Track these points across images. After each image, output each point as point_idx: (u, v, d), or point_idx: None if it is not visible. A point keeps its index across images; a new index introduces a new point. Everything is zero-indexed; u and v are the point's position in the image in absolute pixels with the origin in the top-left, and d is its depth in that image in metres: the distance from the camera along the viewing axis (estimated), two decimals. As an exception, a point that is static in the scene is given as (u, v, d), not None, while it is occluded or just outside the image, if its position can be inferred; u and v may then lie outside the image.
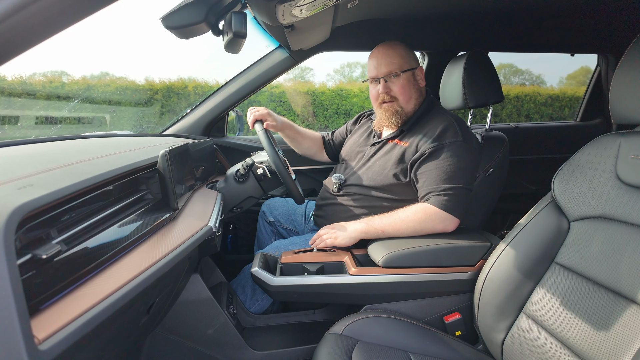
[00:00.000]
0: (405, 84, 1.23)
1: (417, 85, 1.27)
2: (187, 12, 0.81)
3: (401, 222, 1.10)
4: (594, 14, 1.46)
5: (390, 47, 1.25)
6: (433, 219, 1.09)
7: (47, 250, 0.45)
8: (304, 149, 1.58)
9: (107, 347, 0.62)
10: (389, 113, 1.24)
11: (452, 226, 1.10)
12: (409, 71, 1.24)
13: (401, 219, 1.10)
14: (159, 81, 7.02)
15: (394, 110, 1.24)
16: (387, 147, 1.25)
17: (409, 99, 1.24)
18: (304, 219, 1.51)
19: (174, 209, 0.82)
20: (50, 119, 2.09)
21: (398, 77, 1.23)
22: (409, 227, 1.10)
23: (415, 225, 1.09)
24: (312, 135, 1.60)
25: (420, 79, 1.27)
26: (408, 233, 1.10)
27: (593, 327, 0.72)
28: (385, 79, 1.24)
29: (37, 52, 0.48)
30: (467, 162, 1.13)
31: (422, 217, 1.09)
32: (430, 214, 1.09)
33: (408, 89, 1.24)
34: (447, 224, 1.09)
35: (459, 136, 1.14)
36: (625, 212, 0.77)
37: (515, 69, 10.11)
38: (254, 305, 1.28)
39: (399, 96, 1.23)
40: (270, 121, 1.33)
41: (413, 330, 0.95)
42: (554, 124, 2.41)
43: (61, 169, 0.59)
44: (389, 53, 1.24)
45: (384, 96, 1.24)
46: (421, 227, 1.09)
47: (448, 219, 1.09)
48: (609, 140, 0.85)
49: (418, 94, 1.27)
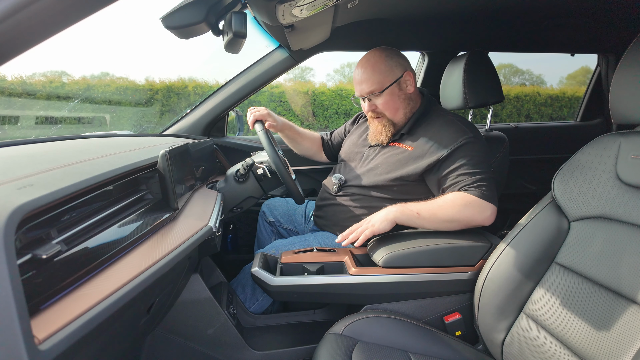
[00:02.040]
0: (388, 99, 1.21)
1: (404, 94, 1.23)
2: (187, 12, 0.81)
3: (438, 207, 1.05)
4: (594, 14, 1.46)
5: (369, 64, 1.21)
6: (473, 205, 1.04)
7: (47, 250, 0.45)
8: (303, 149, 1.58)
9: (107, 347, 0.62)
10: (379, 127, 1.25)
11: (492, 217, 1.05)
12: (393, 84, 1.21)
13: (438, 204, 1.05)
14: (159, 81, 7.02)
15: (382, 125, 1.25)
16: (388, 150, 1.25)
17: (395, 112, 1.23)
18: (304, 219, 1.51)
19: (174, 209, 0.82)
20: (50, 119, 2.09)
21: (380, 95, 1.21)
22: (446, 213, 1.04)
23: (453, 211, 1.03)
24: (311, 136, 1.60)
25: (409, 85, 1.23)
26: (445, 220, 1.05)
27: (593, 327, 0.72)
28: (369, 97, 1.24)
29: (37, 52, 0.48)
30: (484, 155, 1.13)
31: (461, 203, 1.04)
32: (469, 201, 1.04)
33: (393, 103, 1.22)
34: (487, 215, 1.04)
35: (468, 133, 1.13)
36: (626, 212, 0.77)
37: (515, 69, 10.11)
38: (253, 305, 1.28)
39: (385, 112, 1.23)
40: (271, 121, 1.33)
41: (413, 330, 0.95)
42: (554, 124, 2.41)
43: (61, 169, 0.59)
44: (367, 72, 1.21)
45: (371, 113, 1.26)
46: (460, 214, 1.03)
47: (489, 208, 1.04)
48: (609, 140, 0.85)
49: (406, 102, 1.24)
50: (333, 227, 1.31)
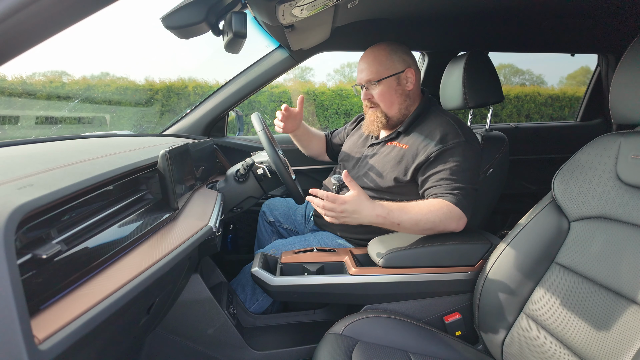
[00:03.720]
0: (385, 90, 1.22)
1: (401, 90, 1.23)
2: (187, 12, 0.81)
3: (422, 216, 1.02)
4: (594, 14, 1.46)
5: (372, 54, 1.23)
6: (452, 216, 1.04)
7: (47, 250, 0.45)
8: (311, 149, 1.59)
9: (107, 347, 0.62)
10: (372, 118, 1.26)
11: (462, 226, 1.06)
12: (391, 77, 1.21)
13: (423, 212, 1.03)
14: (159, 81, 7.01)
15: (376, 115, 1.25)
16: (385, 149, 1.25)
17: (390, 105, 1.23)
18: (304, 219, 1.51)
19: (174, 209, 0.82)
20: (51, 119, 2.09)
21: (377, 85, 1.22)
22: (428, 222, 1.02)
23: (435, 221, 1.02)
24: (319, 135, 1.61)
25: (409, 81, 1.23)
26: (424, 229, 1.04)
27: (593, 327, 0.72)
28: (366, 86, 1.24)
29: (37, 52, 0.48)
30: (472, 162, 1.12)
31: (444, 212, 1.03)
32: (449, 210, 1.04)
33: (389, 96, 1.22)
34: (460, 224, 1.05)
35: (461, 137, 1.13)
36: (626, 212, 0.77)
37: (515, 69, 10.09)
38: (253, 305, 1.28)
39: (380, 103, 1.24)
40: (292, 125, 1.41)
41: (413, 330, 0.95)
42: (554, 124, 2.41)
43: (61, 169, 0.59)
44: (369, 60, 1.23)
45: (367, 102, 1.27)
46: (439, 224, 1.03)
47: (462, 218, 1.05)
48: (609, 140, 0.85)
49: (403, 98, 1.23)
50: (333, 226, 1.30)
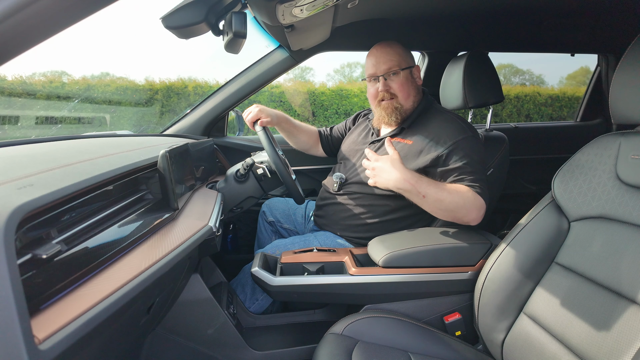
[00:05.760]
0: (404, 81, 1.24)
1: (414, 83, 1.27)
2: (187, 12, 0.81)
3: (448, 194, 1.03)
4: (594, 14, 1.46)
5: (388, 46, 1.26)
6: (475, 204, 1.04)
7: (47, 250, 0.45)
8: (299, 142, 1.57)
9: (107, 347, 0.62)
10: (388, 110, 1.25)
11: (481, 218, 1.05)
12: (407, 69, 1.25)
13: (450, 191, 1.03)
14: (159, 81, 7.00)
15: (393, 107, 1.24)
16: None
17: (407, 96, 1.25)
18: (304, 219, 1.51)
19: (174, 209, 0.82)
20: (51, 119, 2.09)
21: (397, 75, 1.23)
22: (452, 203, 1.02)
23: (459, 203, 1.02)
24: (308, 129, 1.59)
25: (417, 77, 1.28)
26: (445, 210, 1.04)
27: (593, 327, 0.72)
28: (385, 76, 1.24)
29: (37, 52, 0.48)
30: (482, 156, 1.15)
31: (469, 198, 1.03)
32: (475, 198, 1.04)
33: (407, 87, 1.24)
34: (480, 214, 1.04)
35: (467, 131, 1.15)
36: (626, 212, 0.77)
37: (515, 69, 10.09)
38: (253, 305, 1.28)
39: (399, 93, 1.24)
40: (264, 117, 1.31)
41: (413, 330, 0.95)
42: (554, 124, 2.41)
43: (61, 169, 0.59)
44: (387, 51, 1.24)
45: (384, 94, 1.25)
46: (461, 209, 1.03)
47: (483, 208, 1.05)
48: (609, 140, 0.85)
49: (416, 91, 1.28)
50: (333, 226, 1.31)
